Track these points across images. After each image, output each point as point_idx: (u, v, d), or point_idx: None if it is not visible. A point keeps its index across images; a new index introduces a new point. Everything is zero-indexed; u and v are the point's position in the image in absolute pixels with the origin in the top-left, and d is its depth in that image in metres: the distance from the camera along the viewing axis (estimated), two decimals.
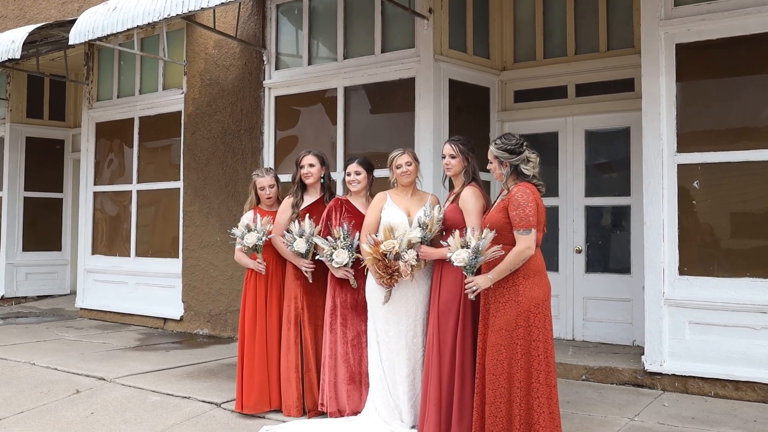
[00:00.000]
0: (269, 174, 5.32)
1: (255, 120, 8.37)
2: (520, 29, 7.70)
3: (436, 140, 6.93)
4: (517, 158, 4.08)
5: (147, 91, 9.64)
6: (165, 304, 9.21)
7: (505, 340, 4.03)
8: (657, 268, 5.81)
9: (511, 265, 3.98)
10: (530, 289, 4.00)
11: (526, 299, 3.98)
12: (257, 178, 5.33)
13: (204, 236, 8.77)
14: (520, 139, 4.11)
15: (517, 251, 3.96)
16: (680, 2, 5.82)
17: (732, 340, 5.52)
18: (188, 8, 5.77)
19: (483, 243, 3.96)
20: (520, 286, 4.01)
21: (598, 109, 7.15)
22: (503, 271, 4.00)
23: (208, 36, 8.74)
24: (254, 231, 5.02)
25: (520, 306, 3.99)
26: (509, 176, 4.11)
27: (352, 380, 4.84)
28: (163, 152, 9.54)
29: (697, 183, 5.76)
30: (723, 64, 5.72)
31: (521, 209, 3.94)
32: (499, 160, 4.12)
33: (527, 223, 3.94)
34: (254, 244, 5.03)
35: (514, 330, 4.01)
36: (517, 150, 4.07)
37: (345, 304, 4.87)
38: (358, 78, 7.61)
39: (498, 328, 4.06)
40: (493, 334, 4.08)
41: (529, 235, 3.95)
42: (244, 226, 5.07)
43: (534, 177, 4.10)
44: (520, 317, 4.00)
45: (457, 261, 4.01)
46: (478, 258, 3.97)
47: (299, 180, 5.13)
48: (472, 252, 3.97)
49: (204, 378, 6.28)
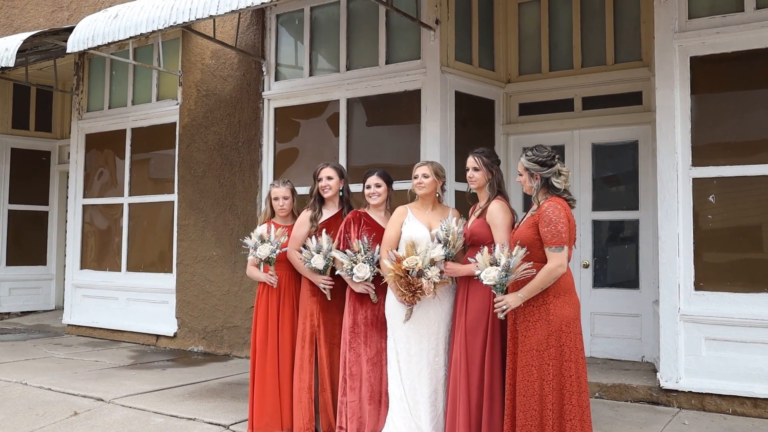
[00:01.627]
0: (285, 185, 5.15)
1: (254, 132, 8.20)
2: (525, 41, 7.64)
3: (443, 153, 6.83)
4: (549, 171, 3.95)
5: (140, 102, 9.42)
6: (158, 321, 8.96)
7: (535, 360, 3.90)
8: (672, 284, 5.72)
9: (542, 284, 3.85)
10: (561, 308, 3.87)
11: (557, 318, 3.86)
12: (273, 189, 5.17)
13: (199, 250, 8.55)
14: (552, 152, 3.99)
15: (549, 269, 3.84)
16: (695, 15, 5.78)
17: (750, 357, 5.44)
18: (195, 16, 5.60)
19: (514, 261, 3.82)
20: (550, 304, 3.88)
21: (605, 123, 7.08)
22: (534, 289, 3.87)
23: (205, 46, 8.56)
24: (268, 243, 4.83)
25: (551, 325, 3.86)
26: (539, 190, 3.98)
27: (373, 399, 4.66)
28: (156, 164, 9.31)
29: (712, 197, 5.69)
30: (738, 78, 5.67)
31: (553, 225, 3.81)
32: (530, 173, 3.99)
33: (559, 240, 3.81)
34: (267, 257, 4.84)
35: (545, 350, 3.89)
36: (548, 162, 3.95)
37: (366, 321, 4.70)
38: (362, 90, 7.48)
39: (528, 348, 3.93)
40: (523, 355, 3.95)
41: (561, 253, 3.83)
42: (258, 236, 4.88)
43: (565, 191, 3.97)
44: (551, 337, 3.88)
45: (486, 279, 3.87)
46: (508, 276, 3.84)
47: (317, 193, 4.96)
48: (503, 270, 3.83)
49: (207, 398, 6.06)
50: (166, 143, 9.05)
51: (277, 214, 5.14)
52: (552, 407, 3.84)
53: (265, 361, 4.96)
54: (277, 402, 4.93)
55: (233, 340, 8.24)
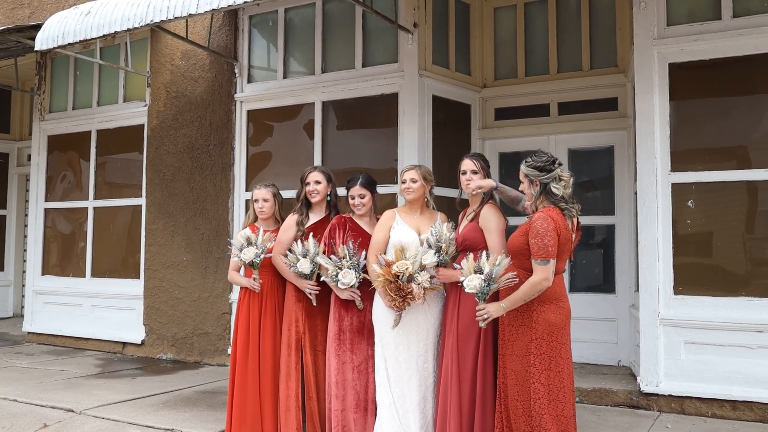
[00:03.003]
0: (267, 188, 5.03)
1: (225, 135, 8.04)
2: (500, 46, 7.64)
3: (421, 157, 6.78)
4: (548, 176, 3.89)
5: (106, 103, 9.16)
6: (124, 328, 8.72)
7: (520, 366, 3.85)
8: (652, 288, 5.76)
9: (525, 296, 3.79)
10: (545, 315, 3.82)
11: (540, 325, 3.80)
12: (254, 190, 5.04)
13: (168, 255, 8.34)
14: (552, 157, 3.94)
15: (533, 282, 3.76)
16: (673, 22, 5.84)
17: (728, 360, 5.50)
18: (173, 14, 5.44)
19: (497, 270, 3.76)
20: (534, 311, 3.82)
21: (581, 128, 7.12)
22: (517, 301, 3.81)
23: (175, 47, 8.38)
24: (253, 246, 4.70)
25: (534, 332, 3.81)
26: (538, 196, 3.92)
27: (359, 408, 4.57)
28: (123, 167, 9.07)
29: (691, 202, 5.75)
30: (716, 85, 5.75)
31: (540, 238, 3.73)
32: (530, 179, 3.93)
33: (545, 253, 3.73)
34: (251, 261, 4.70)
35: (526, 356, 3.82)
36: (547, 167, 3.89)
37: (351, 327, 4.60)
38: (337, 93, 7.40)
39: (513, 354, 3.89)
40: (510, 360, 3.90)
41: (546, 266, 3.74)
42: (245, 238, 4.74)
43: (562, 199, 3.91)
44: (531, 344, 3.81)
45: (468, 287, 3.81)
46: (490, 285, 3.78)
47: (304, 197, 4.85)
48: (485, 279, 3.77)
49: (183, 407, 5.89)
50: (134, 146, 8.82)
51: (258, 216, 5.02)
52: (538, 414, 3.78)
53: (246, 368, 4.83)
54: (258, 410, 4.80)
55: (204, 347, 8.05)
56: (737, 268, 5.64)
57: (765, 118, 5.56)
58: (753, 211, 5.61)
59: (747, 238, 5.63)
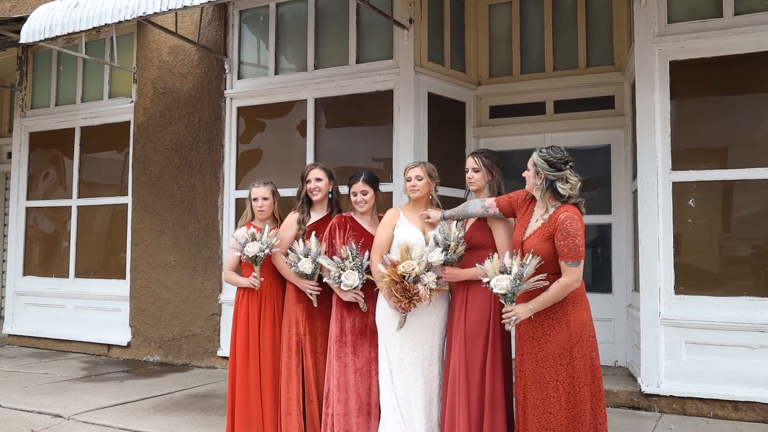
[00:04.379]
0: (266, 186, 4.88)
1: (215, 132, 7.87)
2: (495, 44, 7.55)
3: (416, 155, 6.68)
4: (556, 174, 3.77)
5: (90, 99, 8.94)
6: (109, 330, 8.52)
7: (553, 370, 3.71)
8: (653, 288, 5.70)
9: (556, 298, 3.68)
10: (579, 314, 3.72)
11: (575, 327, 3.70)
12: (252, 188, 4.88)
13: (156, 255, 8.16)
14: (567, 157, 3.83)
15: (564, 284, 3.65)
16: (674, 20, 5.79)
17: (730, 360, 5.46)
18: (168, 6, 5.27)
19: (527, 270, 3.63)
20: (569, 314, 3.71)
21: (577, 126, 7.05)
22: (546, 302, 3.69)
23: (162, 42, 8.19)
24: (258, 241, 4.54)
25: (572, 335, 3.69)
26: (545, 192, 3.82)
27: (361, 412, 4.44)
28: (108, 165, 8.86)
29: (692, 201, 5.71)
30: (718, 83, 5.71)
31: (571, 239, 3.62)
32: (536, 169, 3.82)
33: (577, 254, 3.63)
34: (254, 255, 4.54)
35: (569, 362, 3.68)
36: (558, 165, 3.79)
37: (354, 329, 4.47)
38: (331, 89, 7.27)
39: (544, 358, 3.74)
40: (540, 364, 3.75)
41: (578, 267, 3.64)
42: (250, 234, 4.58)
43: (569, 198, 3.82)
44: (574, 348, 3.67)
45: (497, 288, 3.66)
46: (520, 286, 3.65)
47: (305, 195, 4.71)
48: (515, 279, 3.65)
49: (175, 412, 5.73)
50: (120, 143, 8.62)
51: (256, 215, 4.87)
52: (584, 418, 3.69)
53: (247, 371, 4.68)
54: (260, 413, 4.66)
55: (192, 349, 7.88)
56: (738, 268, 5.61)
57: (767, 117, 5.53)
58: (754, 210, 5.57)
59: (748, 237, 5.60)
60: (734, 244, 5.64)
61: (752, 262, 5.56)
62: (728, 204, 5.66)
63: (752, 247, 5.57)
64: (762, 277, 5.50)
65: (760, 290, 5.47)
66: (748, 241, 5.59)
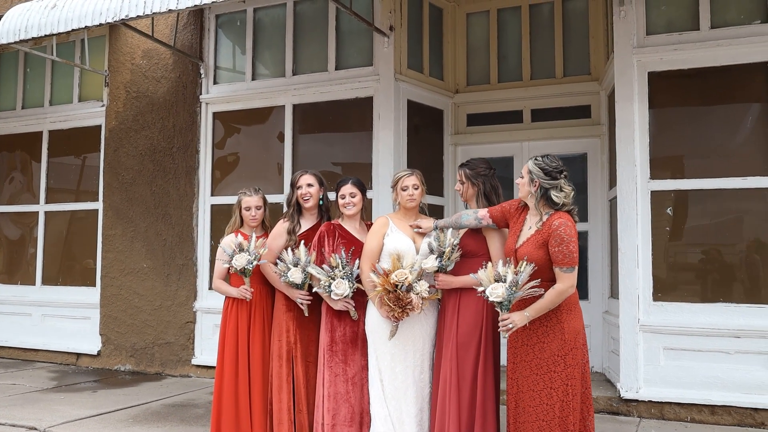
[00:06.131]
0: (258, 194, 4.82)
1: (190, 137, 7.76)
2: (473, 52, 7.61)
3: (396, 161, 6.69)
4: (551, 182, 3.81)
5: (59, 102, 8.74)
6: (78, 338, 8.32)
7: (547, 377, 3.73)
8: (632, 295, 5.80)
9: (552, 304, 3.71)
10: (573, 323, 3.76)
11: (570, 335, 3.73)
12: (244, 197, 4.81)
13: (127, 262, 8.00)
14: (562, 166, 3.87)
15: (560, 290, 3.69)
16: (653, 32, 5.91)
17: (707, 365, 5.58)
18: (153, 9, 5.18)
19: (522, 277, 3.65)
20: (564, 322, 3.75)
21: (554, 135, 7.14)
22: (542, 309, 3.72)
23: (136, 45, 8.05)
24: (246, 252, 4.49)
25: (566, 343, 3.73)
26: (539, 199, 3.85)
27: (353, 421, 4.41)
28: (78, 170, 8.67)
29: (670, 209, 5.83)
30: (695, 94, 5.85)
31: (565, 245, 3.67)
32: (531, 177, 3.85)
33: (571, 260, 3.68)
34: (243, 267, 4.49)
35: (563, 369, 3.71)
36: (553, 174, 3.83)
37: (344, 338, 4.44)
38: (309, 96, 7.24)
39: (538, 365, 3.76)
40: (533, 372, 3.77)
41: (572, 273, 3.69)
42: (237, 244, 4.52)
43: (563, 206, 3.86)
44: (568, 356, 3.70)
45: (493, 296, 3.67)
46: (516, 293, 3.68)
47: (295, 202, 4.66)
48: (510, 286, 3.67)
49: (154, 422, 5.61)
50: (90, 147, 8.45)
51: (248, 224, 4.81)
52: (575, 426, 3.72)
53: (236, 380, 4.62)
54: (249, 423, 4.60)
55: (166, 357, 7.74)
56: (715, 275, 5.73)
57: (742, 128, 5.68)
58: (730, 218, 5.71)
59: (724, 245, 5.73)
60: (711, 251, 5.77)
61: (728, 269, 5.69)
62: (705, 212, 5.79)
63: (728, 254, 5.70)
64: (737, 284, 5.63)
65: (736, 297, 5.61)
66: (724, 248, 5.72)
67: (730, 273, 5.68)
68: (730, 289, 5.64)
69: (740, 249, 5.67)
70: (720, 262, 5.73)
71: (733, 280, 5.65)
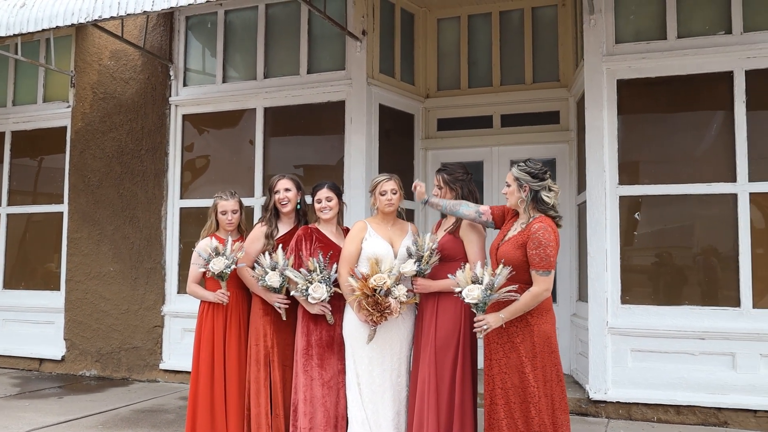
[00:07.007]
0: (234, 198, 4.79)
1: (159, 139, 7.68)
2: (444, 57, 7.68)
3: (368, 165, 6.72)
4: (539, 184, 3.87)
5: (23, 103, 8.57)
6: (41, 343, 8.16)
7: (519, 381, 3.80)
8: (600, 298, 5.91)
9: (526, 307, 3.77)
10: (543, 326, 3.82)
11: (540, 338, 3.80)
12: (220, 201, 4.77)
13: (93, 266, 7.87)
14: (544, 166, 3.95)
15: (534, 293, 3.74)
16: (621, 40, 6.04)
17: (672, 366, 5.73)
18: (127, 11, 5.12)
19: (498, 280, 3.71)
20: (534, 325, 3.80)
21: (523, 140, 7.23)
22: (517, 311, 3.77)
23: (103, 45, 7.94)
24: (223, 256, 4.46)
25: (535, 346, 3.79)
26: (529, 203, 3.91)
27: (328, 425, 4.41)
28: (42, 172, 8.51)
29: (638, 214, 5.96)
30: (662, 101, 5.99)
31: (542, 249, 3.72)
32: (519, 183, 3.89)
33: (547, 264, 3.73)
34: (221, 271, 4.46)
35: (529, 371, 3.77)
36: (540, 175, 3.88)
37: (320, 342, 4.44)
38: (281, 99, 7.22)
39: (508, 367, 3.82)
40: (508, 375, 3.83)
41: (548, 277, 3.75)
42: (213, 248, 4.49)
43: (552, 208, 3.92)
44: (536, 359, 3.76)
45: (468, 297, 3.73)
46: (491, 296, 3.73)
47: (273, 207, 4.65)
48: (486, 289, 3.72)
49: (124, 428, 5.53)
50: (55, 148, 8.30)
51: (224, 228, 4.77)
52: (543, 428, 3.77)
53: (212, 385, 4.58)
54: (225, 428, 4.57)
55: (133, 362, 7.64)
56: (680, 278, 5.88)
57: (707, 135, 5.84)
58: (695, 223, 5.87)
59: (688, 249, 5.89)
60: (676, 255, 5.92)
61: (693, 273, 5.84)
62: (671, 217, 5.93)
63: (693, 258, 5.86)
64: (702, 287, 5.79)
65: (701, 299, 5.77)
66: (690, 253, 5.88)
67: (694, 276, 5.83)
68: (694, 292, 5.80)
69: (705, 253, 5.83)
70: (685, 266, 5.88)
71: (698, 284, 5.81)
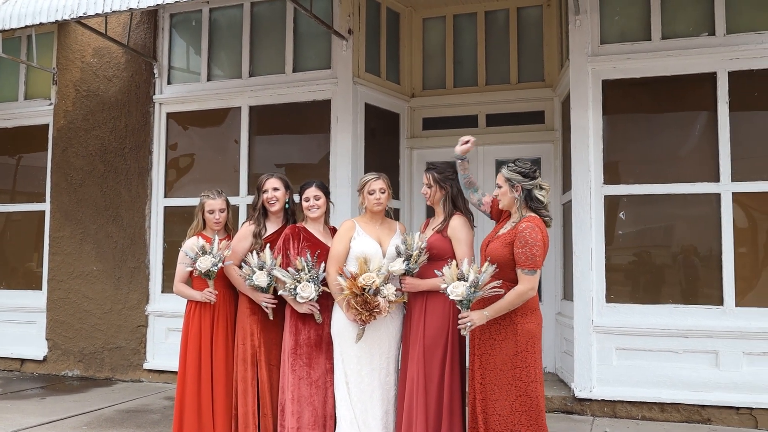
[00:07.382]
0: (221, 197, 4.76)
1: (143, 138, 7.61)
2: (429, 57, 7.69)
3: (354, 164, 6.72)
4: (531, 182, 3.89)
5: (4, 100, 8.45)
6: (22, 343, 8.07)
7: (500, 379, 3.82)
8: (586, 297, 5.95)
9: (511, 305, 3.78)
10: (528, 326, 3.84)
11: (523, 338, 3.81)
12: (207, 200, 4.74)
13: (76, 265, 7.80)
14: (534, 165, 3.98)
15: (519, 291, 3.76)
16: (606, 41, 6.08)
17: (657, 364, 5.78)
18: (112, 8, 5.07)
19: (483, 278, 3.72)
20: (518, 324, 3.82)
21: (508, 140, 7.26)
22: (501, 309, 3.79)
23: (86, 43, 7.86)
24: (209, 255, 4.43)
25: (518, 345, 3.81)
26: (522, 202, 3.92)
27: (317, 424, 4.41)
28: (23, 170, 8.41)
29: (622, 214, 6.00)
30: (647, 102, 6.03)
31: (528, 248, 3.73)
32: (511, 183, 3.90)
33: (533, 263, 3.74)
34: (207, 270, 4.43)
35: (511, 370, 3.81)
36: (531, 174, 3.90)
37: (308, 341, 4.43)
38: (266, 97, 7.19)
39: (493, 367, 3.86)
40: (489, 372, 3.87)
41: (534, 276, 3.76)
42: (200, 247, 4.46)
43: (544, 207, 3.94)
44: (517, 357, 3.80)
45: (453, 294, 3.75)
46: (476, 293, 3.74)
47: (261, 206, 4.63)
48: (471, 286, 3.73)
49: (109, 429, 5.49)
50: (37, 147, 8.20)
51: (211, 227, 4.75)
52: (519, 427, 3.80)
53: (199, 385, 4.55)
54: (212, 428, 4.55)
55: (116, 362, 7.57)
56: (664, 277, 5.94)
57: (691, 135, 5.90)
58: (678, 222, 5.92)
59: (672, 248, 5.94)
60: (660, 254, 5.97)
61: (677, 272, 5.90)
62: (656, 217, 5.98)
63: (677, 257, 5.91)
64: (686, 286, 5.85)
65: (684, 298, 5.82)
66: (673, 251, 5.93)
67: (678, 275, 5.89)
68: (678, 291, 5.85)
69: (688, 252, 5.88)
70: (669, 265, 5.93)
71: (682, 283, 5.86)
